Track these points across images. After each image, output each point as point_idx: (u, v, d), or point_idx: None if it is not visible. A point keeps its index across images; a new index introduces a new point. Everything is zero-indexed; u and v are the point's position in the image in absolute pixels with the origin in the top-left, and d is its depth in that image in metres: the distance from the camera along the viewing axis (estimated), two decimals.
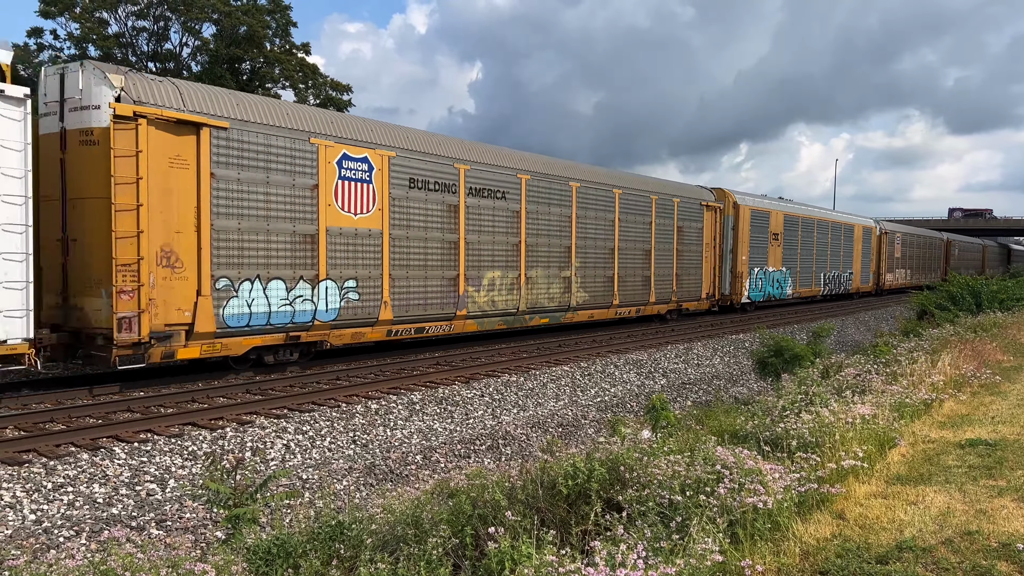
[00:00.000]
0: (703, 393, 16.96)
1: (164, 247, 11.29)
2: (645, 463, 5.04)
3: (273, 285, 12.83)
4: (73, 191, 11.02)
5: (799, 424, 6.60)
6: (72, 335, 11.18)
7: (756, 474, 4.93)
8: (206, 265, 11.78)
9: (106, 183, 10.56)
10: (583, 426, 13.27)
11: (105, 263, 10.66)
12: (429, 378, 14.30)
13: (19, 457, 8.53)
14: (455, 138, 17.75)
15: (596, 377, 16.35)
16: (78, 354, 11.53)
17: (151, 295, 11.06)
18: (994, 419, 8.49)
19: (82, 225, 11.01)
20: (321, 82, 40.80)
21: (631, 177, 24.27)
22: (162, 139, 11.20)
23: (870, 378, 9.67)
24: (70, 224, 11.02)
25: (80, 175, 10.98)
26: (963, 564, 4.32)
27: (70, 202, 10.99)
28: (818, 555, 4.53)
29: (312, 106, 13.93)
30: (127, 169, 10.70)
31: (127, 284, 10.72)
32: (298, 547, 4.36)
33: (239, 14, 36.64)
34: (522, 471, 5.42)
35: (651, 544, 4.07)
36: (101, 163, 10.64)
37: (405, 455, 10.36)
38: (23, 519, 7.38)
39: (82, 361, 12.05)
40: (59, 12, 34.37)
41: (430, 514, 4.69)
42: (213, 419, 10.68)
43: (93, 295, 11.01)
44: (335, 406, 11.81)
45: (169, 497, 8.22)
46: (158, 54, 37.79)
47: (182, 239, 11.51)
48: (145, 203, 10.87)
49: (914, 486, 5.95)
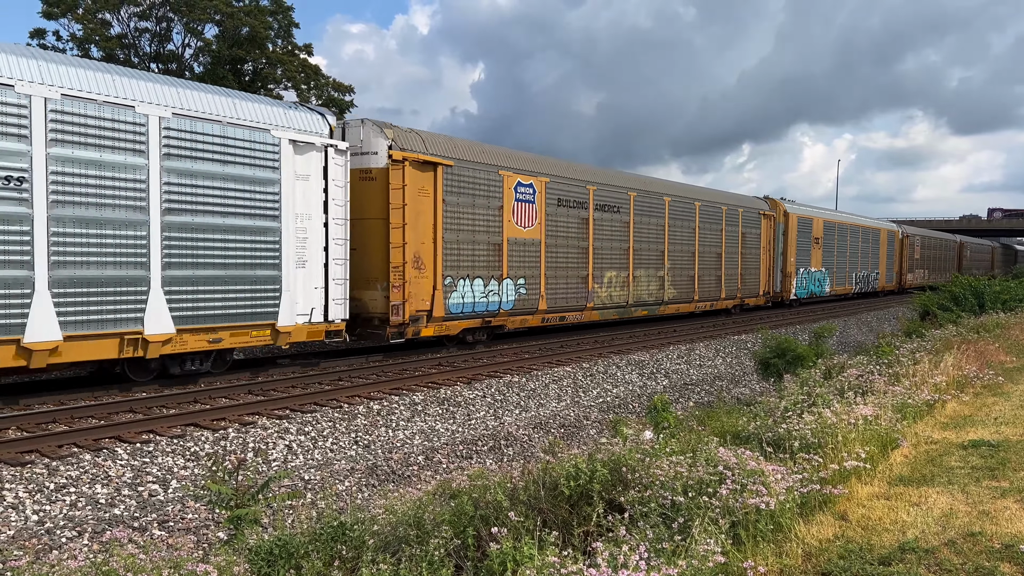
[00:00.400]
0: (705, 394, 16.95)
1: (415, 254, 15.41)
2: (647, 464, 5.03)
3: (476, 283, 17.04)
4: (355, 213, 14.25)
5: (801, 425, 6.59)
6: (352, 319, 14.47)
7: (758, 475, 4.92)
8: (439, 267, 15.93)
9: (382, 207, 14.80)
10: (585, 427, 13.27)
11: (380, 266, 14.90)
12: (431, 379, 14.30)
13: (22, 458, 8.54)
14: (586, 165, 22.24)
15: (598, 378, 16.34)
16: (355, 332, 15.07)
17: (409, 290, 15.21)
18: (997, 420, 8.48)
19: (362, 238, 14.72)
20: (323, 83, 40.83)
21: (707, 191, 28.59)
22: (415, 175, 15.32)
23: (872, 379, 9.66)
24: (352, 237, 14.16)
25: (361, 202, 14.58)
26: (966, 565, 4.31)
27: (353, 221, 14.15)
28: (820, 556, 4.52)
29: (499, 147, 19.27)
30: (397, 198, 14.89)
31: (396, 281, 14.91)
32: (300, 548, 4.36)
33: (241, 15, 36.67)
34: (524, 472, 5.42)
35: (653, 545, 4.07)
36: (378, 193, 14.84)
37: (407, 456, 10.36)
38: (26, 520, 7.39)
39: (358, 336, 15.53)
40: (62, 13, 34.43)
41: (432, 515, 4.69)
42: (215, 420, 10.68)
43: (371, 289, 15.07)
44: (337, 407, 11.82)
45: (171, 498, 8.22)
46: (160, 55, 37.83)
47: (425, 248, 15.62)
48: (408, 222, 15.03)
49: (917, 487, 5.93)
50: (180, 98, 11.49)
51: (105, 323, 10.69)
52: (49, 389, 11.90)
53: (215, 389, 12.34)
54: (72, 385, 12.25)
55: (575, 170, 20.86)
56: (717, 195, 28.42)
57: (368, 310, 15.06)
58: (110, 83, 10.76)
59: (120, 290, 10.83)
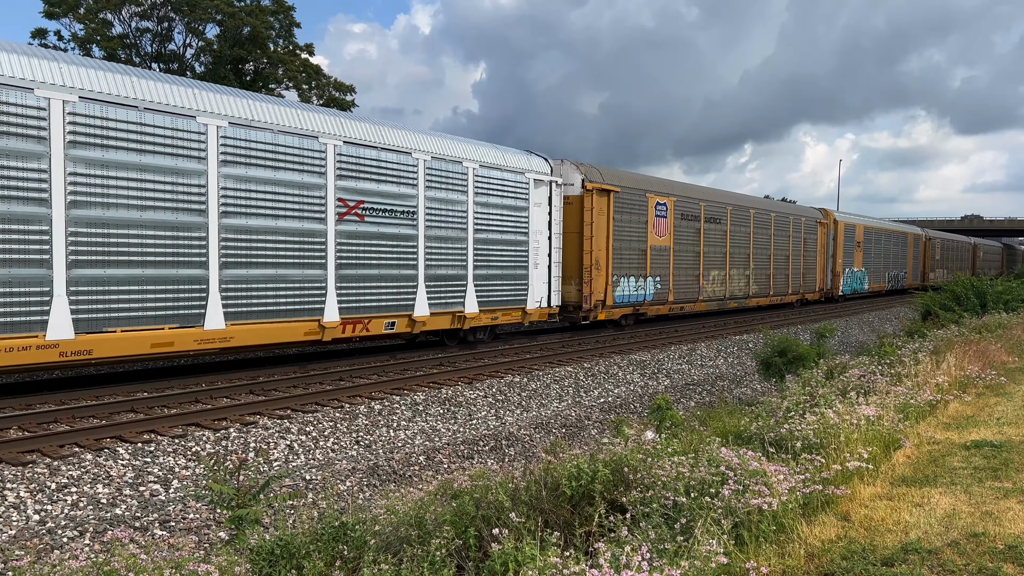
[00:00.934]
0: (707, 394, 16.93)
1: (596, 259, 20.78)
2: (649, 464, 5.02)
3: (630, 280, 22.50)
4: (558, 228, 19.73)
5: (803, 425, 6.57)
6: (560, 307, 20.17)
7: (760, 475, 4.90)
8: (610, 269, 21.48)
9: (577, 224, 20.50)
10: (587, 427, 13.25)
11: (575, 268, 20.61)
12: (432, 378, 14.29)
13: (23, 458, 8.54)
14: (699, 185, 28.63)
15: (600, 378, 16.32)
16: (559, 317, 20.44)
17: (592, 285, 20.70)
18: (999, 420, 8.46)
19: (563, 247, 19.94)
20: (324, 83, 40.84)
21: (779, 204, 36.84)
22: (598, 200, 20.88)
23: (875, 379, 9.63)
24: (556, 247, 19.48)
25: (564, 221, 19.95)
26: (969, 566, 4.30)
27: (555, 235, 19.39)
28: (823, 557, 4.51)
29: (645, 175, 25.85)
30: (588, 217, 20.47)
31: (586, 279, 20.55)
32: (301, 548, 4.35)
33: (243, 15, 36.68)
34: (526, 472, 5.40)
35: (655, 546, 4.06)
36: (575, 214, 20.48)
37: (408, 456, 10.35)
38: (27, 519, 7.39)
39: (559, 318, 20.73)
40: (63, 13, 34.46)
41: (433, 515, 4.68)
42: (216, 420, 10.68)
43: (567, 284, 20.53)
44: (338, 407, 11.81)
45: (173, 498, 8.22)
46: (162, 55, 37.85)
47: (601, 255, 21.04)
48: (593, 235, 20.61)
49: (919, 488, 5.92)
50: (479, 154, 17.07)
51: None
52: (50, 388, 11.90)
53: (216, 389, 12.34)
54: (72, 384, 12.26)
55: (692, 190, 26.82)
56: (786, 207, 35.66)
57: (567, 300, 20.60)
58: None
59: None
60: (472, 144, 16.97)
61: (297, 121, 13.22)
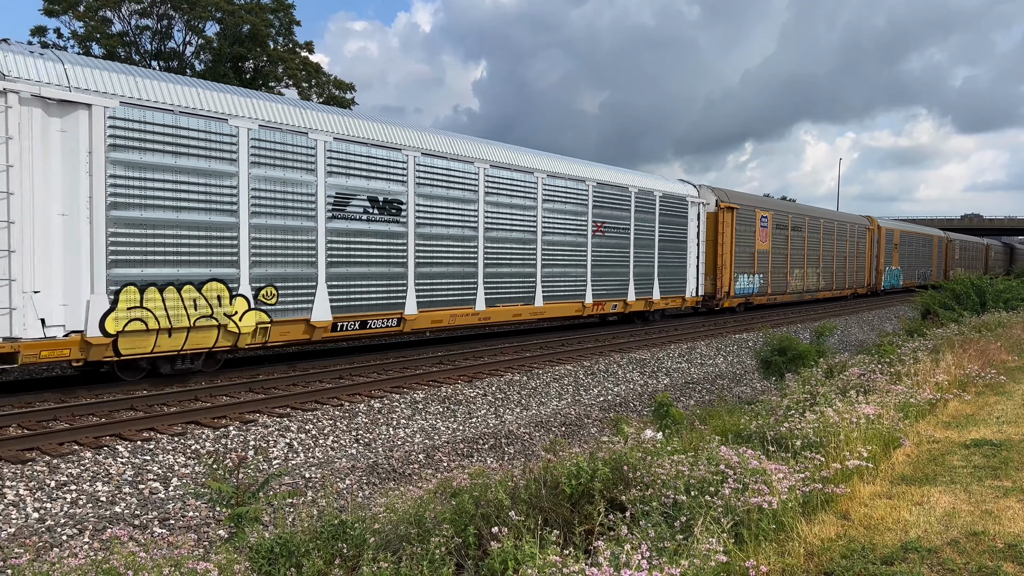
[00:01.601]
0: (706, 392, 16.93)
1: (724, 260, 27.48)
2: (649, 463, 5.02)
3: (744, 276, 29.16)
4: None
5: (803, 424, 6.56)
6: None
7: (760, 474, 4.90)
8: (732, 267, 28.11)
9: (712, 234, 27.37)
10: (586, 425, 13.25)
11: (710, 266, 27.38)
12: (432, 377, 14.28)
13: (22, 455, 8.54)
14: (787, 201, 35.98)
15: (599, 376, 16.32)
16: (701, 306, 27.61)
17: (722, 280, 27.57)
18: (999, 419, 8.46)
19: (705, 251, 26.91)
20: (324, 81, 40.81)
21: (840, 214, 43.57)
22: (725, 216, 27.54)
23: (874, 378, 9.63)
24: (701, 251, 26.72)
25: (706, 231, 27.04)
26: (969, 565, 4.30)
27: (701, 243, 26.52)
28: (823, 556, 4.50)
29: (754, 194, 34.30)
30: (721, 229, 27.49)
31: (718, 274, 27.44)
32: (301, 546, 4.34)
33: (242, 13, 36.64)
34: (525, 470, 5.40)
35: (655, 544, 4.05)
36: (711, 227, 27.33)
37: (408, 454, 10.35)
38: (26, 517, 7.38)
39: (701, 306, 27.72)
40: (63, 11, 34.41)
41: (433, 513, 4.68)
42: (216, 418, 10.67)
43: (705, 280, 26.82)
44: (338, 405, 11.81)
45: (172, 496, 8.22)
46: (161, 53, 37.81)
47: (727, 257, 27.73)
48: (723, 243, 27.40)
49: (919, 486, 5.91)
50: (664, 186, 24.64)
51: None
52: (50, 387, 11.90)
53: (216, 387, 12.33)
54: (72, 383, 12.25)
55: (782, 205, 35.69)
56: (843, 216, 42.69)
57: (707, 292, 27.00)
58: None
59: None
60: (660, 180, 24.89)
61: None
